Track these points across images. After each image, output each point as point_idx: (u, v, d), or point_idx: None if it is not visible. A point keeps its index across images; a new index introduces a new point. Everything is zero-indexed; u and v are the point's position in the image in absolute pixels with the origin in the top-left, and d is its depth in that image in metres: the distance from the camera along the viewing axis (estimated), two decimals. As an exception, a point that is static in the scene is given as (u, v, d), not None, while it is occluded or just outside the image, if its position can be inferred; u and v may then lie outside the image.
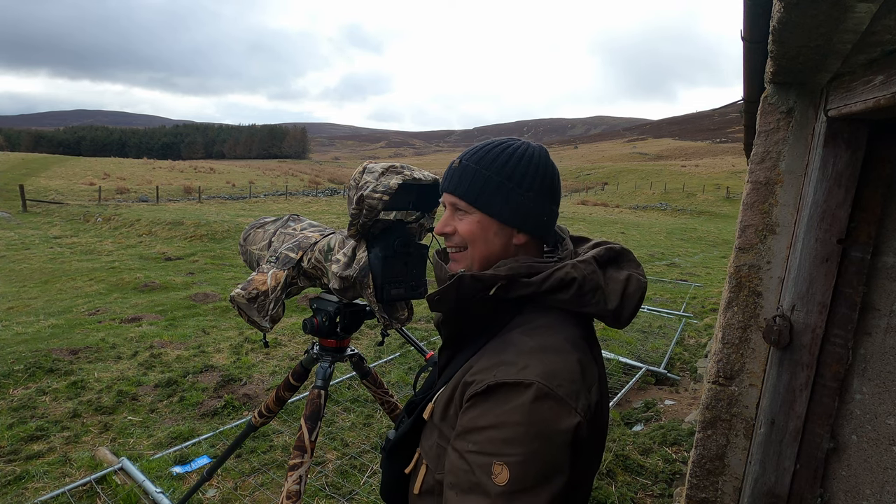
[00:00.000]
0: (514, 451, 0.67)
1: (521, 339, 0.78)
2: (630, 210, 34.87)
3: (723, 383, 1.37)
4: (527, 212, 0.85)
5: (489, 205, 0.85)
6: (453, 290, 0.80)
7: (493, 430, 0.70)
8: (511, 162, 0.84)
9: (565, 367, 0.73)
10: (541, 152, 0.88)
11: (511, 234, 0.87)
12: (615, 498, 2.69)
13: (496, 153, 0.85)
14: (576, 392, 0.72)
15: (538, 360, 0.73)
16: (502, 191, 0.84)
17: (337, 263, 1.39)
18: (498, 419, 0.70)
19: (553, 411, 0.69)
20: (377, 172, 1.25)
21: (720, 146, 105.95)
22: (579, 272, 0.80)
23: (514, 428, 0.68)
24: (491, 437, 0.69)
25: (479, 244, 0.87)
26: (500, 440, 0.68)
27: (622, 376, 4.42)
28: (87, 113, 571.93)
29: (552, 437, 0.69)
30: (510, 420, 0.69)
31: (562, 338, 0.78)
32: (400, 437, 0.92)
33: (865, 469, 1.17)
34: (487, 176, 0.84)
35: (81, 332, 5.28)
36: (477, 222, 0.87)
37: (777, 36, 0.89)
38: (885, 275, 1.12)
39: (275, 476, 2.80)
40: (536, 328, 0.80)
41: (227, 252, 11.48)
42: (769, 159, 1.27)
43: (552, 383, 0.70)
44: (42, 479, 2.69)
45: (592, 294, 0.80)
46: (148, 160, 56.78)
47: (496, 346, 0.80)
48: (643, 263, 12.09)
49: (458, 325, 0.85)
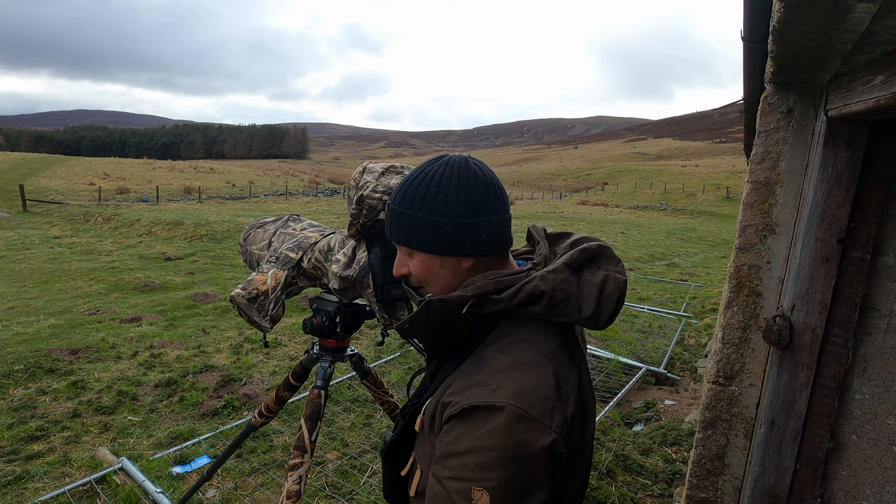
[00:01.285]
0: (491, 475, 0.68)
1: (495, 356, 0.78)
2: (630, 210, 34.87)
3: (723, 383, 1.37)
4: (462, 237, 0.83)
5: (422, 243, 0.84)
6: (423, 315, 0.80)
7: (469, 455, 0.70)
8: (429, 195, 0.83)
9: (538, 384, 0.73)
10: (460, 170, 0.84)
11: (456, 262, 0.85)
12: (615, 498, 2.69)
13: (414, 188, 0.84)
14: (549, 409, 0.71)
15: (510, 378, 0.73)
16: (429, 226, 0.83)
17: (337, 263, 1.39)
18: (473, 444, 0.70)
19: (528, 433, 0.69)
20: (377, 172, 1.25)
21: (720, 146, 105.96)
22: (548, 284, 0.78)
23: (489, 452, 0.68)
24: (467, 462, 0.69)
25: (432, 281, 0.87)
26: (477, 465, 0.68)
27: (622, 376, 4.42)
28: (88, 113, 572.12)
29: (529, 459, 0.69)
30: (485, 444, 0.69)
31: (536, 351, 0.77)
32: (394, 441, 0.93)
33: (865, 469, 1.17)
34: (411, 216, 0.83)
35: (81, 332, 5.28)
36: (420, 262, 0.87)
37: (777, 36, 0.89)
38: (885, 275, 1.12)
39: (275, 476, 2.80)
40: (511, 343, 0.79)
41: (227, 252, 11.48)
42: (769, 159, 1.27)
43: (524, 404, 0.70)
44: (42, 479, 2.69)
45: (565, 304, 0.79)
46: (148, 160, 56.77)
47: (471, 365, 0.80)
48: (643, 263, 12.13)
49: (438, 342, 0.85)
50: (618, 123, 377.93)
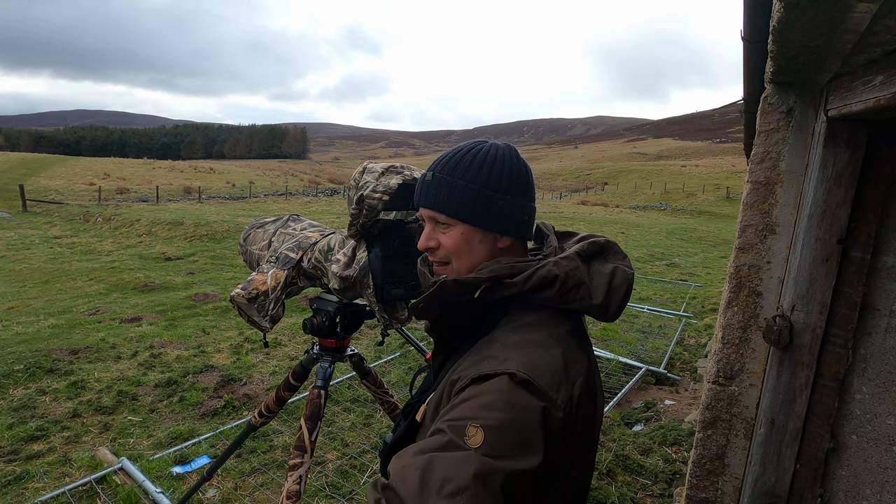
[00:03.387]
0: (491, 415, 0.65)
1: (506, 335, 0.78)
2: (630, 210, 34.86)
3: (723, 383, 1.37)
4: (508, 215, 0.85)
5: (471, 215, 0.84)
6: (437, 296, 0.80)
7: (471, 399, 0.68)
8: (485, 168, 0.84)
9: (547, 361, 0.73)
10: (510, 152, 0.87)
11: (495, 240, 0.87)
12: (615, 498, 2.69)
13: (468, 161, 0.84)
14: (556, 384, 0.71)
15: (520, 352, 0.73)
16: (481, 198, 0.83)
17: (337, 263, 1.39)
18: (476, 392, 0.69)
19: (533, 395, 0.68)
20: (377, 172, 1.25)
21: (720, 146, 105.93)
22: (561, 269, 0.80)
23: (493, 395, 0.67)
24: (468, 405, 0.68)
25: (464, 256, 0.87)
26: (478, 405, 0.67)
27: (622, 376, 4.42)
28: (88, 113, 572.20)
29: (529, 417, 0.67)
30: (489, 389, 0.68)
31: (546, 334, 0.78)
32: (396, 441, 0.91)
33: (865, 469, 1.17)
34: (464, 186, 0.83)
35: (81, 332, 5.28)
36: (461, 234, 0.86)
37: (777, 36, 0.89)
38: (885, 275, 1.12)
39: (275, 476, 2.80)
40: (521, 326, 0.80)
41: (227, 252, 11.48)
42: (769, 159, 1.27)
43: (533, 373, 0.70)
44: (42, 479, 2.69)
45: (576, 290, 0.80)
46: (148, 160, 56.78)
47: (482, 345, 0.80)
48: (643, 263, 12.12)
49: (447, 329, 0.85)
50: (618, 123, 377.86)
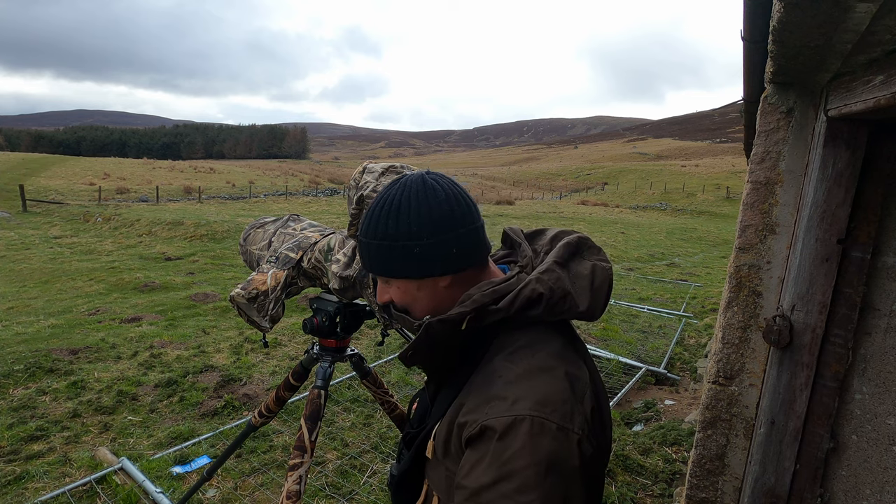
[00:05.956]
0: (530, 497, 0.65)
1: (506, 366, 0.76)
2: (630, 210, 34.86)
3: (723, 383, 1.37)
4: (431, 257, 0.80)
5: (395, 270, 0.83)
6: (424, 340, 0.78)
7: (502, 483, 0.66)
8: (391, 220, 0.81)
9: (555, 388, 0.72)
10: (417, 189, 0.81)
11: (433, 283, 0.84)
12: (615, 498, 2.69)
13: (377, 216, 0.83)
14: (570, 412, 0.70)
15: (527, 387, 0.72)
16: (395, 252, 0.81)
17: (337, 263, 1.39)
18: (503, 470, 0.67)
19: (556, 441, 0.67)
20: (377, 172, 1.25)
21: (720, 146, 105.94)
22: (545, 285, 0.78)
23: (522, 473, 0.66)
24: (503, 491, 0.66)
25: (414, 305, 0.87)
26: (514, 490, 0.65)
27: (622, 376, 4.42)
28: (88, 113, 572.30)
29: (563, 469, 0.67)
30: (516, 466, 0.66)
31: (545, 354, 0.76)
32: (403, 473, 0.90)
33: (865, 469, 1.17)
34: (377, 245, 0.82)
35: (81, 332, 5.28)
36: (398, 289, 0.86)
37: (777, 36, 0.89)
38: (885, 275, 1.12)
39: (275, 476, 2.80)
40: (518, 350, 0.78)
41: (227, 252, 11.48)
42: (769, 159, 1.27)
43: (545, 412, 0.68)
44: (42, 479, 2.69)
45: (563, 302, 0.79)
46: (148, 160, 56.80)
47: (483, 380, 0.77)
48: (643, 263, 12.13)
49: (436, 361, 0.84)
50: (618, 123, 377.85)
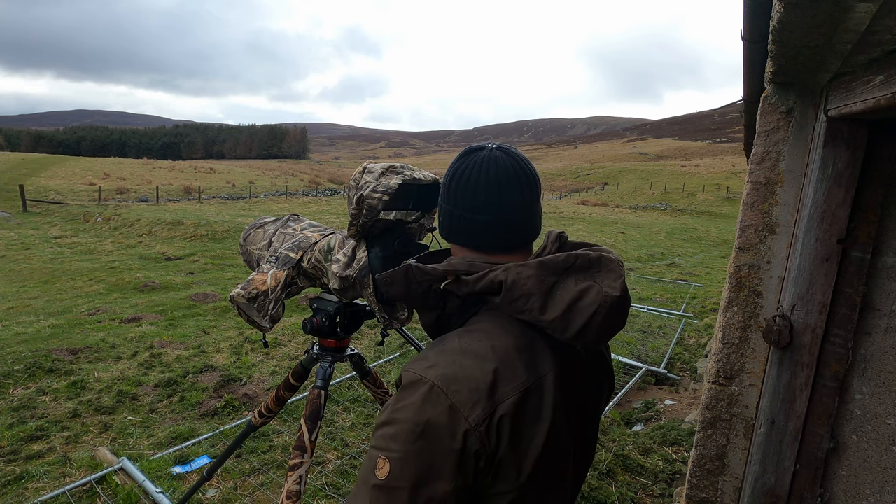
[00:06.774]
0: (396, 447, 0.68)
1: (452, 338, 0.78)
2: (630, 210, 34.86)
3: (723, 383, 1.37)
4: (448, 223, 0.89)
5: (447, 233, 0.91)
6: (402, 275, 0.85)
7: (386, 426, 0.71)
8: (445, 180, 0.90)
9: (473, 375, 0.71)
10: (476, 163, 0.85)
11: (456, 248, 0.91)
12: (615, 498, 2.69)
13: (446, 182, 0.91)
14: (472, 401, 0.69)
15: (450, 361, 0.72)
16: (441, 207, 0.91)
17: (337, 263, 1.39)
18: (391, 415, 0.71)
19: (442, 416, 0.68)
20: (377, 172, 1.25)
21: (720, 146, 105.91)
22: (510, 275, 0.76)
23: (401, 425, 0.69)
24: (384, 432, 0.71)
25: None
26: (389, 436, 0.70)
27: (622, 376, 4.43)
28: (88, 113, 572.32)
29: (435, 441, 0.67)
30: (400, 417, 0.70)
31: (488, 345, 0.74)
32: None
33: (865, 469, 1.17)
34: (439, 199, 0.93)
35: (81, 332, 5.28)
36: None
37: (777, 36, 0.89)
38: (885, 275, 1.12)
39: (275, 476, 2.80)
40: (472, 331, 0.78)
41: (227, 252, 11.48)
42: (769, 159, 1.27)
43: (447, 386, 0.69)
44: (42, 479, 2.69)
45: (525, 300, 0.74)
46: (148, 160, 56.80)
47: (437, 339, 0.81)
48: (643, 263, 12.11)
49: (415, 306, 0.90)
50: (618, 123, 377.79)
